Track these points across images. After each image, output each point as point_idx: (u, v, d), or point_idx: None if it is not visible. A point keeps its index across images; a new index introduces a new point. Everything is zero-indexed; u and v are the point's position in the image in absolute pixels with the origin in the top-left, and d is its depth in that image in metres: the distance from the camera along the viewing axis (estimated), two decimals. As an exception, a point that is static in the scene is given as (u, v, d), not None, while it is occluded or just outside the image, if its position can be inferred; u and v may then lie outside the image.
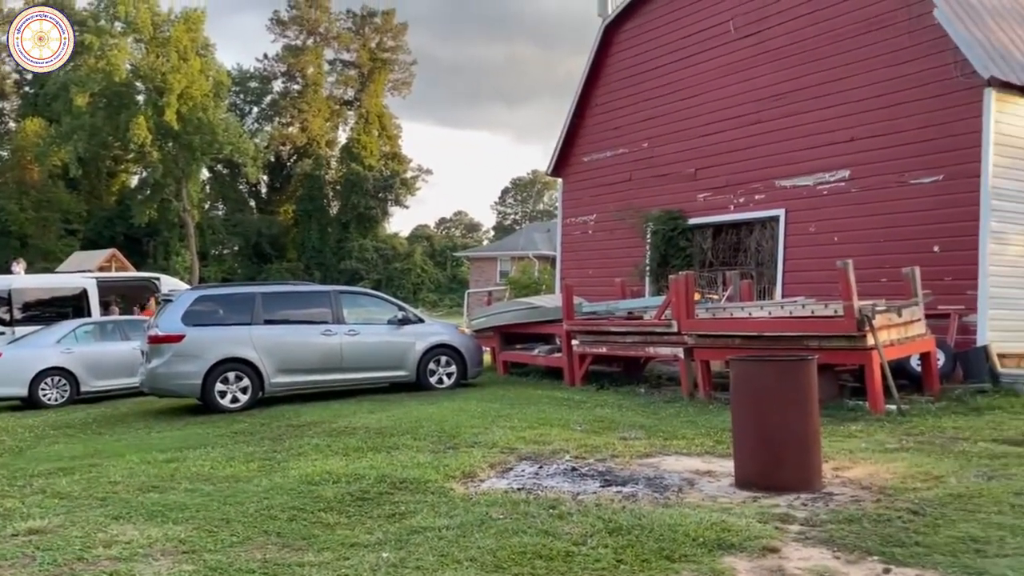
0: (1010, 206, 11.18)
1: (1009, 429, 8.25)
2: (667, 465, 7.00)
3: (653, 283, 16.00)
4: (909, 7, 11.86)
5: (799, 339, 9.93)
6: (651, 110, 16.35)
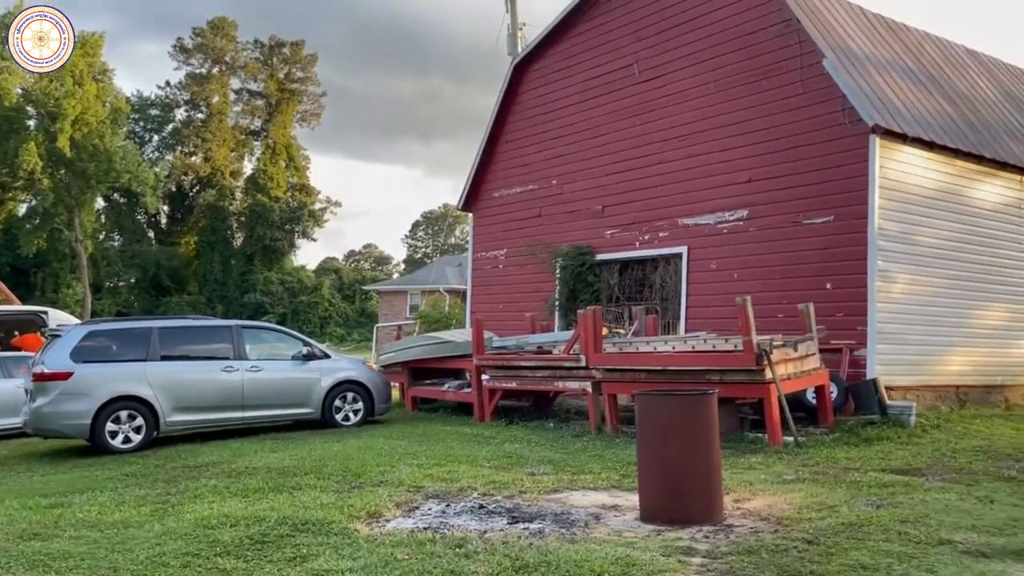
0: (895, 246, 11.84)
1: (896, 459, 8.66)
2: (574, 500, 7.02)
3: (563, 318, 16.18)
4: (801, 56, 12.53)
5: (702, 373, 10.19)
6: (560, 148, 16.66)
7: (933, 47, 15.39)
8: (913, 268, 12.11)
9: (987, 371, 13.19)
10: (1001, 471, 7.98)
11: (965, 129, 13.29)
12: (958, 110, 13.72)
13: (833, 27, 13.08)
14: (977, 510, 6.20)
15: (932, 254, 12.39)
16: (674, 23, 14.52)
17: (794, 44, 12.59)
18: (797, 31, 12.50)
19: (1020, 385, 13.68)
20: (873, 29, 14.18)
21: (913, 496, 6.74)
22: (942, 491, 6.96)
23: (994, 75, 16.25)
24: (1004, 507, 6.33)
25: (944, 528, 5.61)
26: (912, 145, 12.06)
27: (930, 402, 12.16)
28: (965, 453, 9.01)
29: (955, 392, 12.71)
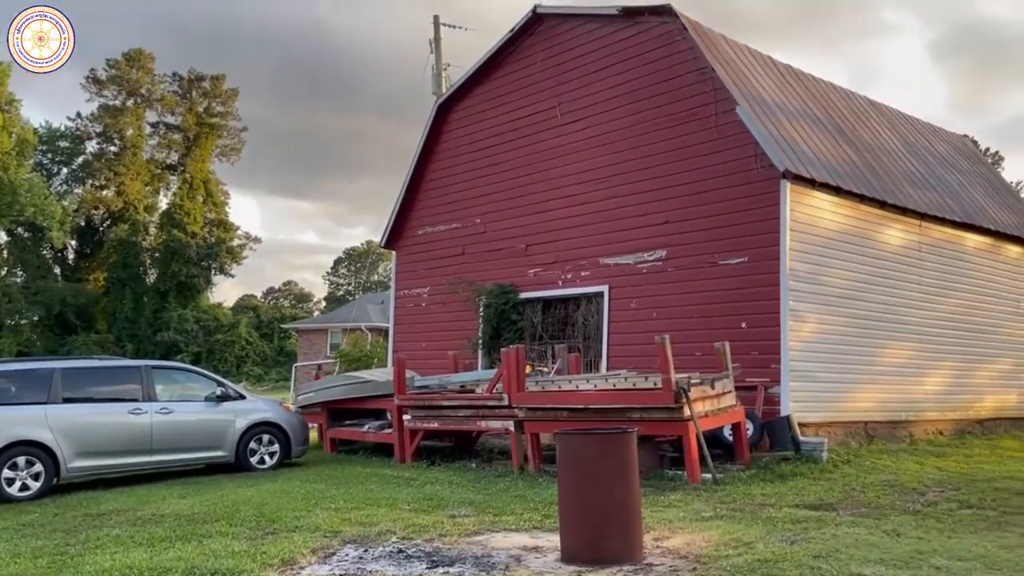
0: (805, 287, 12.28)
1: (809, 494, 8.87)
2: (495, 543, 6.93)
3: (486, 356, 16.14)
4: (716, 104, 12.99)
5: (623, 411, 10.28)
6: (484, 187, 16.78)
7: (838, 97, 16.20)
8: (822, 308, 12.57)
9: (893, 407, 13.72)
10: (907, 505, 8.26)
11: (869, 176, 13.97)
12: (862, 157, 14.42)
13: (746, 76, 13.64)
14: (885, 543, 6.38)
15: (839, 294, 12.89)
16: (594, 68, 14.89)
17: (709, 92, 13.06)
18: (712, 79, 12.98)
19: (923, 420, 14.26)
20: (783, 79, 14.84)
21: (825, 531, 6.90)
22: (852, 525, 7.15)
23: (894, 125, 17.18)
24: (910, 540, 6.53)
25: (854, 562, 5.75)
26: (820, 190, 12.60)
27: (841, 438, 12.55)
28: (874, 487, 9.30)
29: (864, 428, 13.16)
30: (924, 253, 14.55)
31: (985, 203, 16.94)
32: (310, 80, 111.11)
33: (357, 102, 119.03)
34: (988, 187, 18.22)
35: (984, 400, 15.61)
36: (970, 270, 15.57)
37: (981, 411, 15.52)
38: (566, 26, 15.53)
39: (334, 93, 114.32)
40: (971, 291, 15.51)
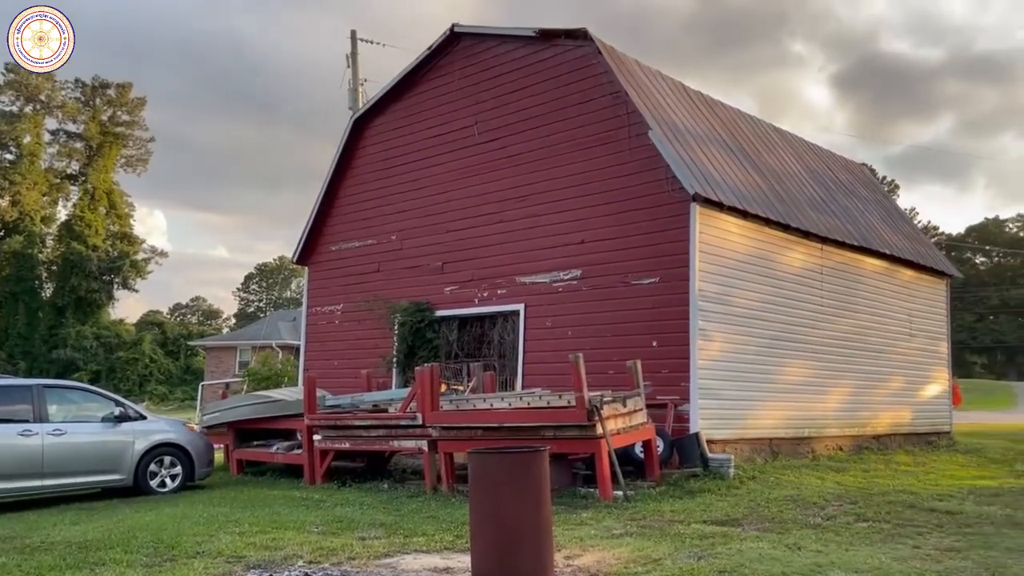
0: (713, 307, 12.62)
1: (716, 510, 9.06)
2: (406, 564, 6.81)
3: (400, 375, 15.96)
4: (629, 127, 13.28)
5: (537, 429, 10.30)
6: (400, 203, 16.66)
7: (746, 124, 16.80)
8: (729, 327, 12.93)
9: (796, 424, 14.20)
10: (808, 519, 8.53)
11: (774, 200, 14.50)
12: (767, 182, 14.96)
13: (658, 101, 14.00)
14: (787, 557, 6.56)
15: (746, 314, 13.30)
16: (511, 88, 15.03)
17: (623, 115, 13.34)
18: (625, 103, 13.26)
19: (824, 437, 14.81)
20: (693, 105, 15.30)
21: (731, 546, 7.04)
22: (757, 540, 7.33)
23: (798, 152, 17.92)
24: (810, 553, 6.74)
25: (758, 576, 5.89)
26: (728, 213, 13.00)
27: (747, 454, 12.90)
28: (777, 503, 9.57)
29: (768, 444, 13.56)
30: (825, 275, 15.17)
31: (881, 228, 17.81)
32: (225, 92, 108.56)
33: (273, 115, 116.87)
34: (884, 213, 19.17)
35: (880, 417, 16.33)
36: (867, 292, 16.32)
37: (877, 427, 16.23)
38: (483, 46, 15.63)
39: (250, 106, 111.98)
40: (868, 312, 16.25)
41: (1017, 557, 6.56)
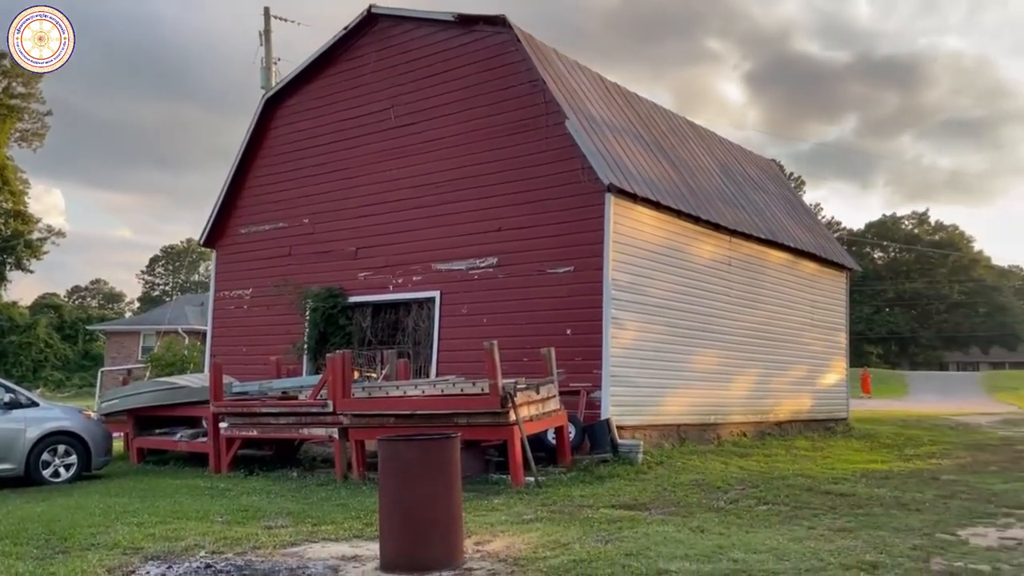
0: (625, 296, 12.82)
1: (625, 495, 9.24)
2: (313, 553, 6.69)
3: (312, 362, 15.66)
4: (547, 116, 13.32)
5: (450, 416, 10.28)
6: (313, 186, 16.30)
7: (660, 117, 17.10)
8: (641, 316, 13.18)
9: (703, 411, 14.60)
10: (712, 502, 8.78)
11: (686, 193, 14.82)
12: (680, 175, 15.28)
13: (575, 91, 14.09)
14: (691, 540, 6.74)
15: (657, 304, 13.57)
16: (428, 73, 14.87)
17: (541, 104, 13.37)
18: (543, 92, 13.30)
19: (730, 423, 15.29)
20: (610, 96, 15.47)
21: (638, 530, 7.19)
22: (662, 523, 7.50)
23: (710, 146, 18.36)
24: (713, 536, 6.94)
25: (662, 559, 6.02)
26: (642, 204, 13.21)
27: (655, 440, 13.19)
28: (683, 487, 9.82)
29: (676, 430, 13.91)
30: (733, 267, 15.62)
31: (786, 222, 18.44)
32: (131, 67, 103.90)
33: (184, 93, 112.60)
34: (790, 208, 19.86)
35: (782, 404, 16.97)
36: (772, 283, 16.89)
37: (779, 414, 16.85)
38: (401, 28, 15.41)
39: (159, 82, 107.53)
40: (772, 303, 16.83)
41: (903, 536, 6.92)
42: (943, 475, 11.14)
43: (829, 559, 6.04)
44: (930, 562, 6.00)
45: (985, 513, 8.12)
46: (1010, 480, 10.63)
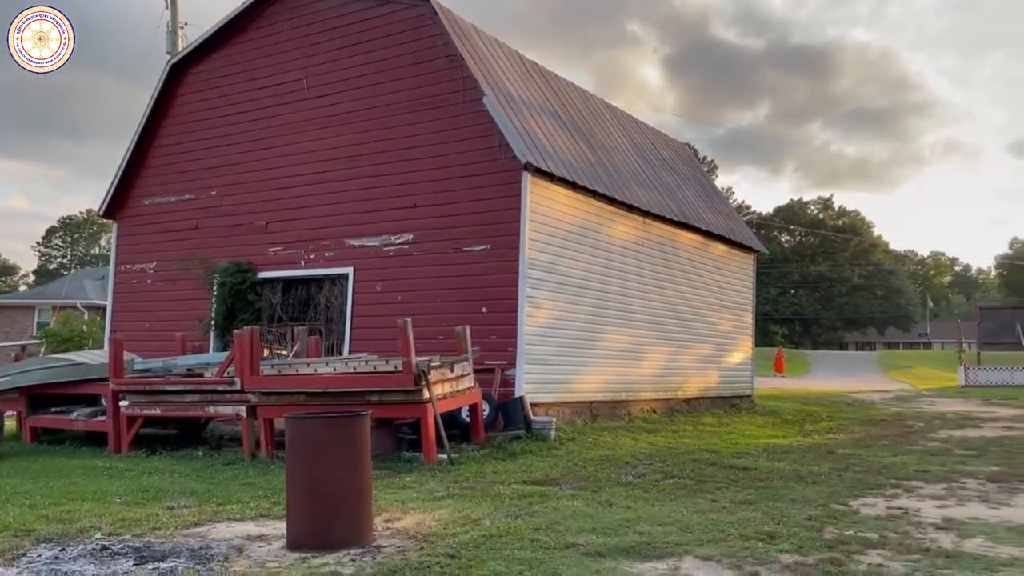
0: (541, 275, 12.90)
1: (536, 471, 9.34)
2: (216, 533, 6.51)
3: (219, 338, 15.22)
4: (464, 92, 13.20)
5: (362, 394, 10.16)
6: (221, 157, 15.75)
7: (578, 97, 17.19)
8: (556, 295, 13.28)
9: (615, 388, 14.88)
10: (621, 477, 8.97)
11: (602, 174, 14.97)
12: (597, 156, 15.42)
13: (493, 68, 14.00)
14: (599, 514, 6.86)
15: (572, 283, 13.71)
16: (343, 44, 14.52)
17: (458, 79, 13.24)
18: (461, 67, 13.17)
19: (640, 400, 15.62)
20: (528, 75, 15.44)
21: (548, 505, 7.28)
22: (572, 498, 7.62)
23: (625, 128, 18.58)
24: (620, 509, 7.08)
25: (570, 533, 6.11)
26: (558, 184, 13.28)
27: (568, 417, 13.37)
28: (593, 462, 9.99)
29: (589, 407, 14.13)
30: (646, 248, 15.90)
31: (698, 205, 18.87)
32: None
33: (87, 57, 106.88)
34: (702, 191, 20.33)
35: (691, 382, 17.44)
36: (683, 264, 17.29)
37: (688, 391, 17.33)
38: (316, -4, 14.97)
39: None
40: (684, 283, 17.24)
41: (799, 507, 7.22)
42: (839, 449, 11.67)
43: (730, 530, 6.25)
44: (823, 531, 6.27)
45: (875, 484, 8.55)
46: (899, 453, 11.22)
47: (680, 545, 5.79)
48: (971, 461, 10.45)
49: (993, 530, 6.42)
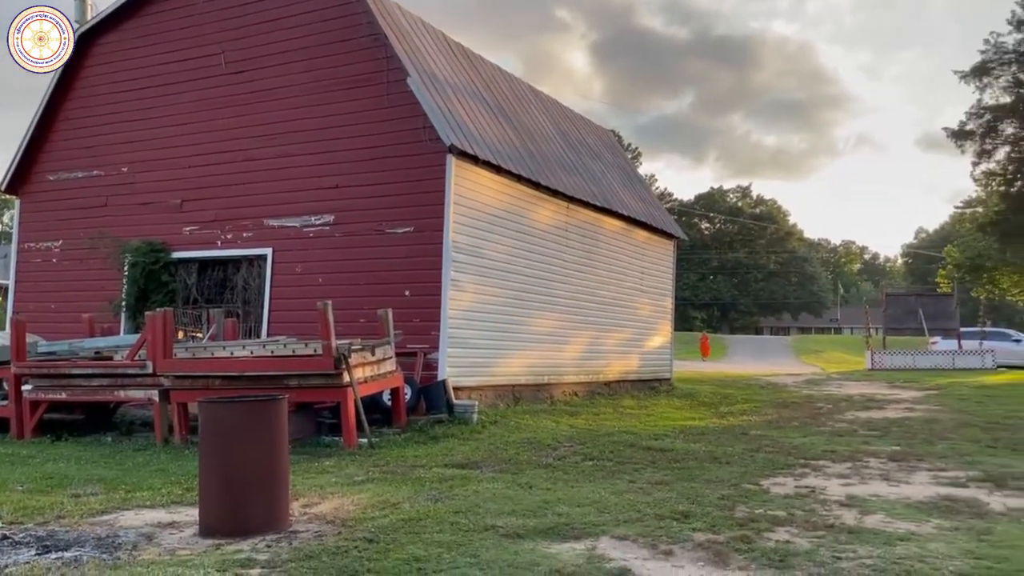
0: (465, 258, 12.86)
1: (458, 454, 9.35)
2: (125, 521, 6.30)
3: (130, 320, 14.68)
4: (388, 72, 13.01)
5: (281, 378, 9.98)
6: (134, 132, 15.15)
7: (504, 81, 17.14)
8: (481, 279, 13.27)
9: (538, 371, 14.99)
10: (541, 459, 9.05)
11: (527, 158, 14.99)
12: (522, 140, 15.43)
13: (418, 48, 13.83)
14: (519, 496, 6.91)
15: (497, 267, 13.72)
16: (263, 19, 14.11)
17: (382, 59, 13.03)
18: (385, 47, 12.96)
19: (562, 383, 15.80)
20: (454, 56, 15.31)
21: (468, 488, 7.29)
22: (493, 481, 7.65)
23: (550, 112, 18.64)
24: (540, 491, 7.15)
25: (490, 515, 6.14)
26: (483, 167, 13.23)
27: (491, 400, 13.42)
28: (515, 445, 10.05)
29: (512, 391, 14.20)
30: (570, 233, 16.02)
31: (621, 191, 19.12)
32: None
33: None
34: (625, 177, 20.58)
35: (612, 365, 17.72)
36: (606, 250, 17.50)
37: (609, 375, 17.60)
38: (235, -32, 14.48)
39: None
40: (606, 269, 17.46)
41: (713, 487, 7.42)
42: (752, 430, 12.05)
43: (646, 510, 6.38)
44: (735, 510, 6.47)
45: (785, 464, 8.86)
46: (808, 434, 11.65)
47: (597, 525, 5.88)
48: (874, 441, 10.94)
49: (892, 506, 6.74)
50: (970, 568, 4.92)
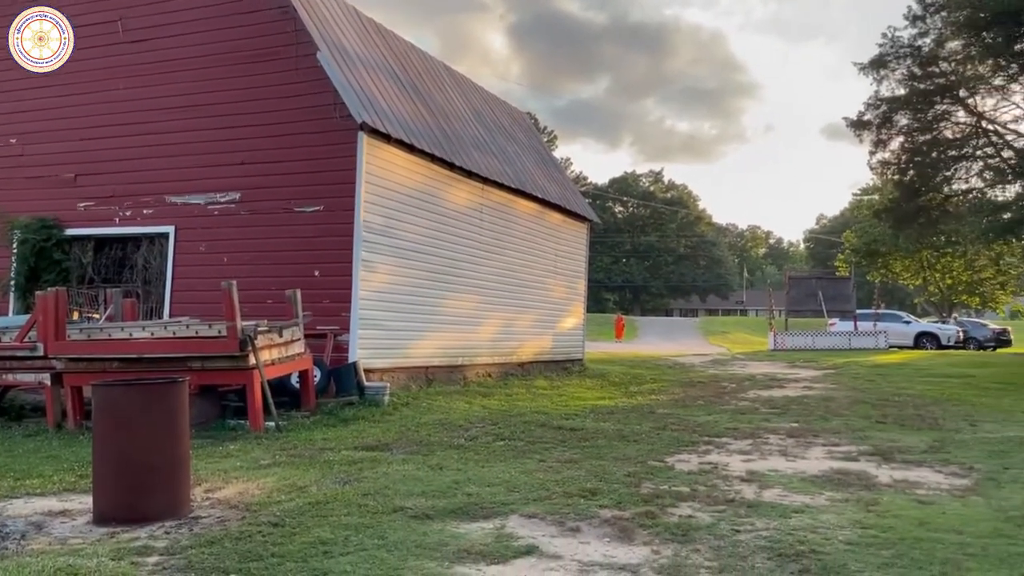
0: (377, 238, 12.67)
1: (368, 436, 9.25)
2: (13, 510, 5.99)
3: (20, 300, 13.93)
4: (297, 45, 12.64)
5: (184, 360, 9.65)
6: (22, 101, 14.29)
7: (418, 58, 16.91)
8: (393, 259, 13.11)
9: (452, 353, 14.95)
10: (453, 440, 9.05)
11: (440, 137, 14.85)
12: (435, 119, 15.27)
13: (329, 22, 13.48)
14: (429, 477, 6.89)
15: (410, 247, 13.57)
16: (166, -16, 13.48)
17: (290, 32, 12.65)
18: (294, 20, 12.58)
19: (476, 365, 15.81)
20: (366, 32, 15.00)
21: (378, 470, 7.22)
22: (403, 463, 7.60)
23: (465, 92, 18.51)
24: (450, 472, 7.15)
25: (399, 496, 6.10)
26: (395, 146, 13.03)
27: (403, 382, 13.31)
28: (427, 427, 10.02)
29: (425, 373, 14.13)
30: (484, 214, 15.99)
31: (536, 173, 19.18)
32: None
33: None
34: (539, 160, 20.66)
35: (525, 346, 17.84)
36: (520, 232, 17.56)
37: (523, 356, 17.72)
38: (134, -69, 13.76)
39: None
40: (520, 250, 17.52)
41: (620, 464, 7.57)
42: (659, 409, 12.35)
43: (555, 488, 6.46)
44: (641, 487, 6.62)
45: (690, 442, 9.12)
46: (712, 412, 12.02)
47: (506, 504, 5.92)
48: (774, 419, 11.37)
49: (789, 480, 7.03)
50: (858, 537, 5.17)
